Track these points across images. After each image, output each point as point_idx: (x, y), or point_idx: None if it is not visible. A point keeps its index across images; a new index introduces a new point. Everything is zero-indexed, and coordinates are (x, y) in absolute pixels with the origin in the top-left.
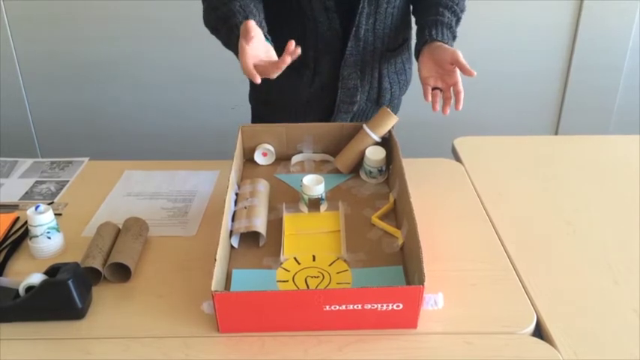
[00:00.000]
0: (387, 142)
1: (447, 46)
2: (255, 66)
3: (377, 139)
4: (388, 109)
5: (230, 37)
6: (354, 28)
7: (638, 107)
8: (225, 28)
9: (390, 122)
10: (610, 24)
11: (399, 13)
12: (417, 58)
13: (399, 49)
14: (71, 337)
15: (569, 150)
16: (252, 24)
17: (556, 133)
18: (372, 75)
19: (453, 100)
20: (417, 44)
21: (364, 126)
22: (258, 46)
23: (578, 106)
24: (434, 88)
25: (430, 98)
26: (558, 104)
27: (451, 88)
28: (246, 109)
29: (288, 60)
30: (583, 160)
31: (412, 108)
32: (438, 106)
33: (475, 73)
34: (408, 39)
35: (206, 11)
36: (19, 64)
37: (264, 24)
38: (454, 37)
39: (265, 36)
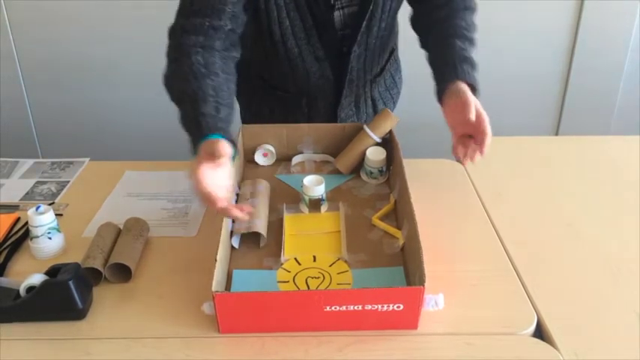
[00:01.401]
0: (387, 142)
1: (468, 95)
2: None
3: (377, 139)
4: (389, 110)
5: (192, 125)
6: (347, 75)
7: (639, 108)
8: (190, 107)
9: (390, 123)
10: (610, 25)
11: (387, 37)
12: (439, 100)
13: (386, 65)
14: (72, 338)
15: (569, 151)
16: (224, 150)
17: (556, 135)
18: (367, 104)
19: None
20: (436, 86)
21: (365, 127)
22: (220, 176)
23: (578, 108)
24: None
25: (459, 153)
26: (559, 105)
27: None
28: None
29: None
30: (583, 160)
31: (413, 109)
32: (468, 161)
33: (483, 154)
34: (394, 49)
35: (171, 78)
36: (19, 65)
37: (232, 116)
38: (474, 66)
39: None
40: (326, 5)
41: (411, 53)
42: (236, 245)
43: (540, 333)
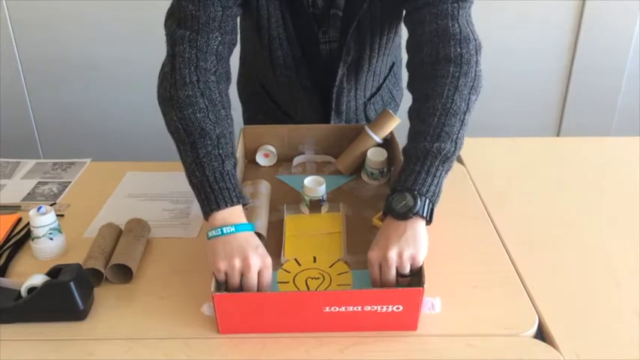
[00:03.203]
0: (388, 143)
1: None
2: None
3: (378, 140)
4: (390, 111)
5: (216, 171)
6: (332, 111)
7: None
8: (210, 151)
9: (391, 124)
10: (612, 24)
11: (382, 66)
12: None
13: (384, 82)
14: (73, 338)
15: (571, 151)
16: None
17: (558, 134)
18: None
19: None
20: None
21: (366, 127)
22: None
23: (580, 107)
24: None
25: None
26: (560, 105)
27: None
28: None
29: None
30: (585, 161)
31: None
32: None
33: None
34: (394, 62)
35: (185, 106)
36: (21, 66)
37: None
38: (436, 187)
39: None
40: (312, 38)
41: None
42: None
43: (542, 334)
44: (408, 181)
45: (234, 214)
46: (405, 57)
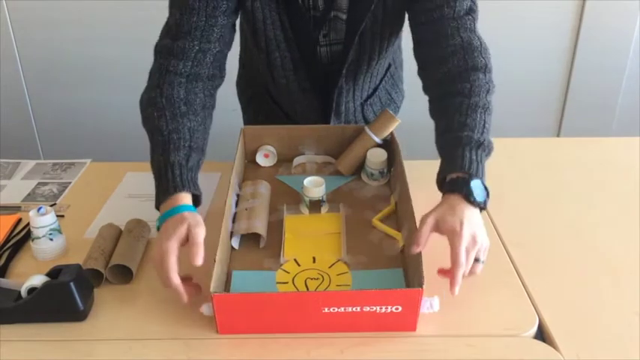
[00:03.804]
0: (388, 144)
1: (456, 226)
2: None
3: (378, 141)
4: (390, 112)
5: (159, 172)
6: (332, 112)
7: None
8: (160, 151)
9: (391, 124)
10: (612, 25)
11: (380, 69)
12: (438, 185)
13: (380, 84)
14: (73, 339)
15: (571, 152)
16: (199, 236)
17: (558, 135)
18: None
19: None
20: (439, 173)
21: (366, 128)
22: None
23: (580, 107)
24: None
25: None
26: (561, 105)
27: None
28: None
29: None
30: (585, 162)
31: (413, 110)
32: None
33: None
34: (391, 64)
35: (148, 106)
36: (21, 66)
37: (203, 160)
38: (477, 160)
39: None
40: (310, 41)
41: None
42: (236, 246)
43: (542, 334)
44: (472, 168)
45: (175, 202)
46: (405, 58)
